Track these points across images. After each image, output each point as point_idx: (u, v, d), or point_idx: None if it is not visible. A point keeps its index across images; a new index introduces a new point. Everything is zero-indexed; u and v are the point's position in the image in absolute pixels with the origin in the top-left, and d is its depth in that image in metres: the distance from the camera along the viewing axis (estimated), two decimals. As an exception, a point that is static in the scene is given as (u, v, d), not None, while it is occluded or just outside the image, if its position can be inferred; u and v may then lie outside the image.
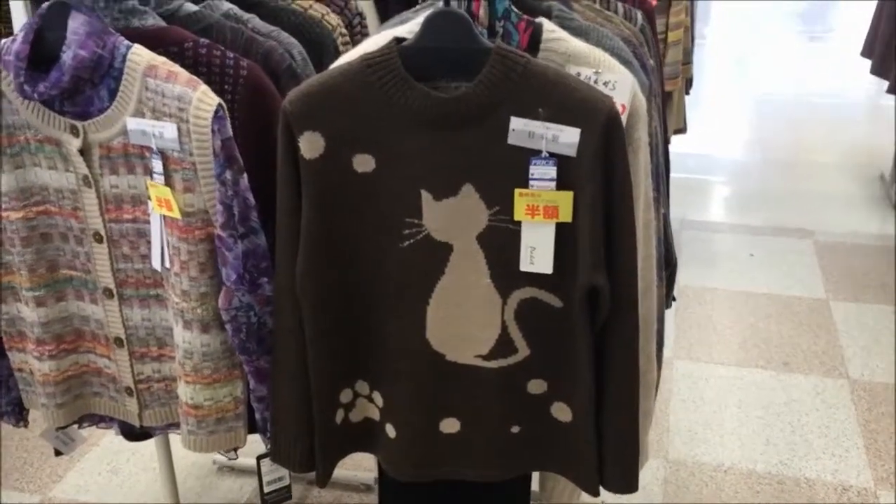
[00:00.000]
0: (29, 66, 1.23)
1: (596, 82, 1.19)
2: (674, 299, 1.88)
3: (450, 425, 1.29)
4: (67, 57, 1.21)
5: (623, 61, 1.28)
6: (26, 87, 1.22)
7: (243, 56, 1.33)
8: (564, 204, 1.13)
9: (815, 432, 2.47)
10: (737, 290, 3.28)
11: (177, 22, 1.38)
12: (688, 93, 3.38)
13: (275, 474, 1.63)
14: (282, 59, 1.41)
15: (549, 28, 1.24)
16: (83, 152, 1.28)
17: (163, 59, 1.24)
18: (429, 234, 1.18)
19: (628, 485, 1.26)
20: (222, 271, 1.28)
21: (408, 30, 1.23)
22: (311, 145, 1.16)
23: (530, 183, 1.13)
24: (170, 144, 1.22)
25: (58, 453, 1.68)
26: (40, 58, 1.24)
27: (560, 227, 1.15)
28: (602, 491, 1.29)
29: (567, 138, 1.10)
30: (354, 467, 2.23)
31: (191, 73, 1.23)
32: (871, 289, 3.28)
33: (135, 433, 1.56)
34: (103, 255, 1.35)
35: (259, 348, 1.33)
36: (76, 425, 1.54)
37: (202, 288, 1.29)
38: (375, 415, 1.33)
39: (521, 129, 1.11)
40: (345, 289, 1.23)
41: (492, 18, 1.24)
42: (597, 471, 1.26)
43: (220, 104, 1.20)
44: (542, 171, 1.12)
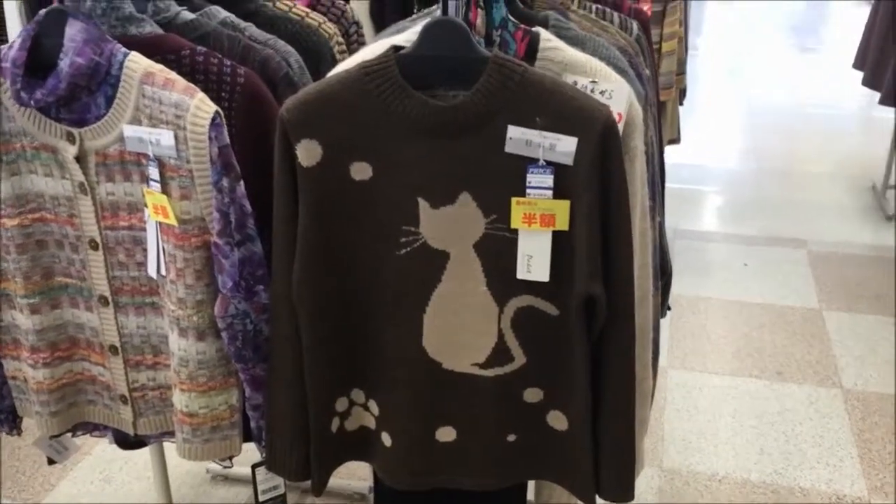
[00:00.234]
0: (26, 73, 1.23)
1: (592, 91, 1.19)
2: (669, 308, 1.88)
3: (446, 434, 1.29)
4: (64, 64, 1.21)
5: (619, 70, 1.29)
6: (23, 94, 1.22)
7: (240, 64, 1.33)
8: (561, 212, 1.14)
9: (809, 442, 2.47)
10: (731, 300, 3.29)
11: (174, 30, 1.38)
12: (681, 103, 3.39)
13: (270, 483, 1.63)
14: (279, 67, 1.41)
15: (546, 37, 1.25)
16: (79, 159, 1.28)
17: (160, 66, 1.24)
18: (426, 242, 1.19)
19: (624, 493, 1.26)
20: (218, 279, 1.28)
21: (405, 38, 1.24)
22: (308, 153, 1.16)
23: (527, 191, 1.13)
24: (167, 152, 1.22)
25: (51, 462, 1.67)
26: (37, 65, 1.24)
27: (557, 236, 1.15)
28: (598, 500, 1.28)
29: (564, 147, 1.11)
30: (349, 476, 2.22)
31: (188, 80, 1.23)
32: (864, 299, 3.29)
33: (129, 441, 1.55)
34: (99, 263, 1.35)
35: (255, 356, 1.33)
36: (70, 433, 1.54)
37: (198, 295, 1.29)
38: (371, 423, 1.33)
39: (519, 137, 1.11)
40: (341, 297, 1.23)
41: (489, 27, 1.24)
42: (593, 479, 1.26)
43: (217, 111, 1.20)
44: (539, 180, 1.12)
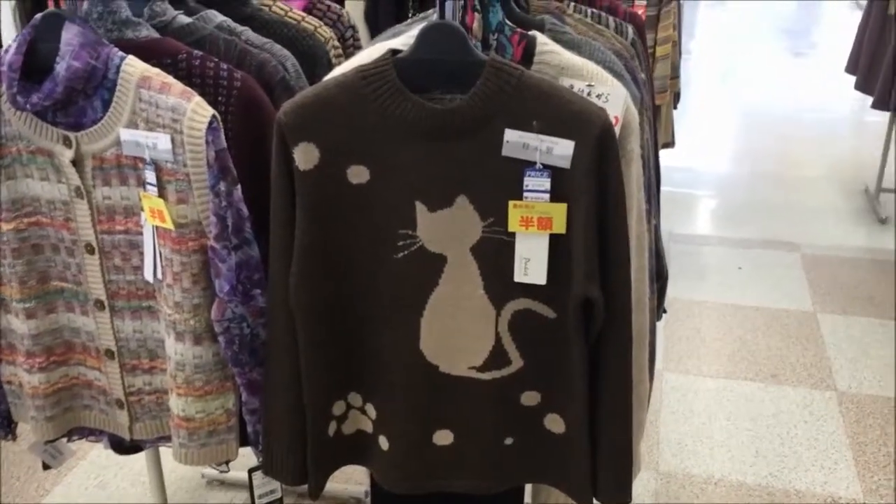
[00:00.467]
0: (22, 77, 1.23)
1: (589, 95, 1.20)
2: (664, 311, 1.88)
3: (443, 437, 1.29)
4: (61, 68, 1.21)
5: (615, 74, 1.29)
6: (19, 97, 1.22)
7: (236, 68, 1.33)
8: (558, 215, 1.14)
9: (804, 444, 2.48)
10: (725, 303, 3.30)
11: (170, 34, 1.38)
12: (675, 107, 3.41)
13: (267, 487, 1.63)
14: (275, 70, 1.41)
15: (543, 41, 1.25)
16: (76, 163, 1.28)
17: (157, 70, 1.24)
18: (423, 246, 1.19)
19: (622, 495, 1.26)
20: (215, 283, 1.27)
21: (401, 42, 1.24)
22: (305, 157, 1.16)
23: (524, 194, 1.13)
24: (163, 155, 1.22)
25: (45, 467, 1.66)
26: (33, 69, 1.24)
27: (554, 239, 1.15)
28: (595, 503, 1.29)
29: (561, 150, 1.11)
30: (345, 480, 2.22)
31: (184, 84, 1.23)
32: (858, 301, 3.30)
33: (124, 446, 1.55)
34: (95, 267, 1.35)
35: (251, 360, 1.33)
36: (65, 438, 1.53)
37: (195, 299, 1.29)
38: (368, 427, 1.33)
39: (516, 140, 1.12)
40: (338, 300, 1.23)
41: (486, 31, 1.24)
42: (590, 482, 1.26)
43: (214, 115, 1.20)
44: (537, 183, 1.12)
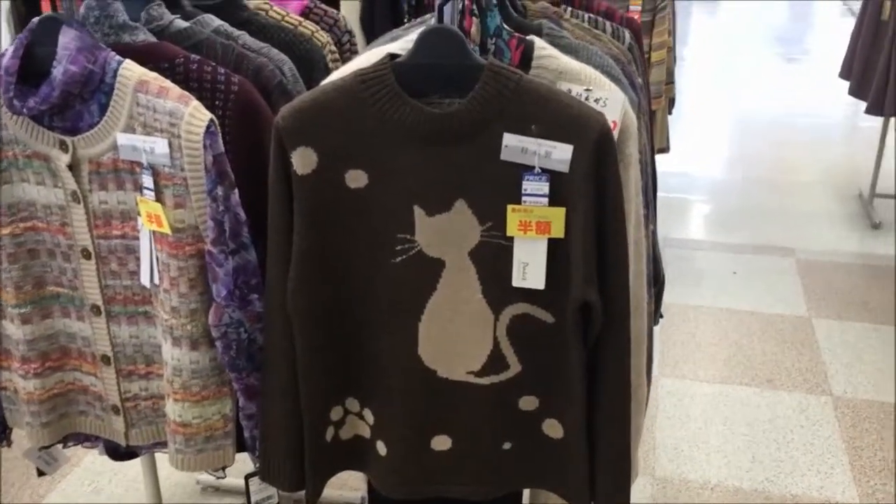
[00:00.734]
0: (18, 81, 1.22)
1: (587, 99, 1.20)
2: (661, 316, 1.88)
3: (441, 442, 1.28)
4: (58, 72, 1.20)
5: (613, 78, 1.29)
6: (16, 101, 1.21)
7: (234, 72, 1.33)
8: (557, 220, 1.14)
9: (800, 449, 2.48)
10: (720, 308, 3.30)
11: (168, 38, 1.38)
12: (670, 112, 3.41)
13: (263, 493, 1.62)
14: (272, 75, 1.41)
15: (541, 45, 1.25)
16: (72, 168, 1.27)
17: (154, 74, 1.24)
18: (421, 250, 1.18)
19: (620, 499, 1.26)
20: (213, 287, 1.27)
21: (399, 47, 1.24)
22: (303, 161, 1.16)
23: (523, 199, 1.13)
24: (161, 160, 1.21)
25: (40, 473, 1.65)
26: (30, 73, 1.23)
27: (552, 243, 1.15)
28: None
29: (560, 154, 1.11)
30: (341, 486, 2.22)
31: (182, 88, 1.23)
32: (852, 306, 3.31)
33: (120, 452, 1.54)
34: (91, 272, 1.34)
35: (249, 365, 1.32)
36: (60, 444, 1.52)
37: (192, 304, 1.28)
38: (366, 432, 1.33)
39: (514, 145, 1.12)
40: (336, 305, 1.23)
41: (484, 36, 1.25)
42: (588, 486, 1.26)
43: (211, 119, 1.20)
44: (535, 187, 1.12)
